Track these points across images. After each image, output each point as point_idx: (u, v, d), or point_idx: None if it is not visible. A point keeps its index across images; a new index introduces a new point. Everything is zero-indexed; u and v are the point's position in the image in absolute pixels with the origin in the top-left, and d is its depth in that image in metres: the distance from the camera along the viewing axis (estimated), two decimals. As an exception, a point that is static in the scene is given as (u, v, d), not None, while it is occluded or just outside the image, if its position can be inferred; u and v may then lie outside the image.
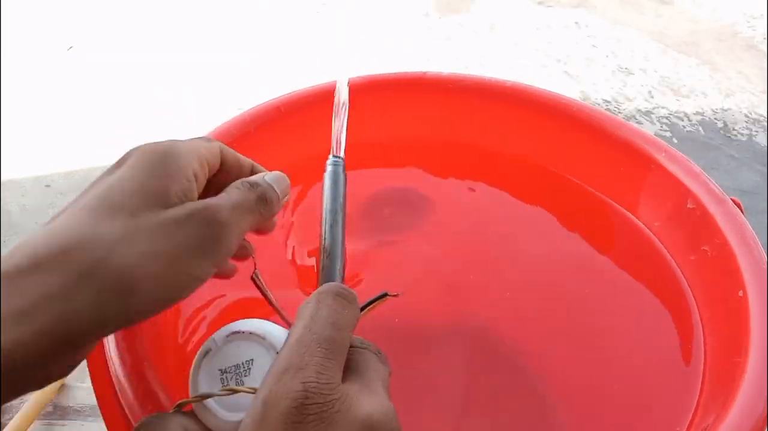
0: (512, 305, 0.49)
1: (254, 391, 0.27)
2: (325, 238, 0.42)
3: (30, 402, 0.75)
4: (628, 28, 1.67)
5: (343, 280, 0.41)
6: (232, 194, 0.32)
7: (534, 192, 0.57)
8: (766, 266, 0.42)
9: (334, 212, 0.43)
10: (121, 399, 0.35)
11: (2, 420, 0.75)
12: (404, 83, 0.59)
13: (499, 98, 0.58)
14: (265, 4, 1.75)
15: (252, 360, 0.28)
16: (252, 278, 0.30)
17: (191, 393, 0.28)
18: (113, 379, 0.36)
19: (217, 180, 0.34)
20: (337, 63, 0.44)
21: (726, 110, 1.38)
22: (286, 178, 0.37)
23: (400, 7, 1.74)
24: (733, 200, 0.47)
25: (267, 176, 0.35)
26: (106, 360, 0.37)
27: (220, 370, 0.28)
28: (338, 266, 0.41)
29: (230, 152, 0.35)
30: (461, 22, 1.69)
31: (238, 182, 0.33)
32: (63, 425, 0.77)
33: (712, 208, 0.46)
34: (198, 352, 0.29)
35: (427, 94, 0.59)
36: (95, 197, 0.28)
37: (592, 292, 0.50)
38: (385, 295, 0.33)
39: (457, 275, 0.52)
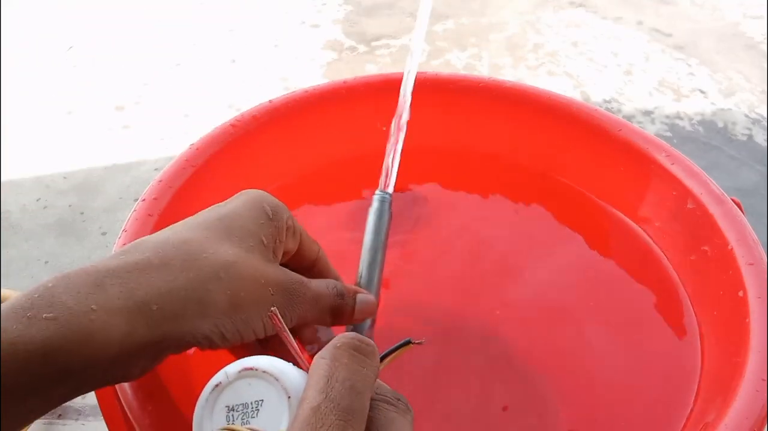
0: (511, 306, 0.49)
1: None
2: (361, 275, 0.41)
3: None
4: (628, 28, 1.67)
5: (374, 321, 0.41)
6: (318, 286, 0.36)
7: (533, 192, 0.57)
8: (766, 266, 0.42)
9: (374, 250, 0.42)
10: (121, 399, 0.35)
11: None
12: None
13: (498, 98, 0.58)
14: (265, 4, 1.75)
15: (262, 400, 0.27)
16: (270, 316, 0.29)
17: (195, 427, 0.27)
18: (113, 379, 0.36)
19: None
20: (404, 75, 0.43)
21: (726, 110, 1.38)
22: (373, 302, 0.40)
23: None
24: (733, 200, 0.47)
25: (359, 297, 0.39)
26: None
27: (227, 406, 0.27)
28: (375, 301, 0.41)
29: (307, 237, 0.39)
30: (463, 22, 1.69)
31: (331, 282, 0.38)
32: (63, 425, 0.77)
33: (712, 208, 0.46)
34: (207, 383, 0.28)
35: (427, 94, 0.59)
36: (213, 220, 0.33)
37: (591, 293, 0.50)
38: (408, 342, 0.31)
39: (457, 276, 0.52)
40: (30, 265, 1.00)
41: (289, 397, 0.26)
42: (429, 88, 0.59)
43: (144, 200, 0.45)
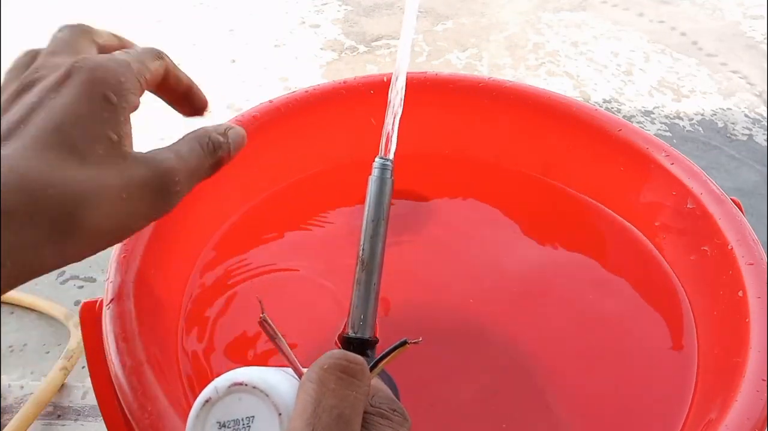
0: (510, 307, 0.49)
1: None
2: (363, 249, 0.40)
3: (29, 402, 0.75)
4: (628, 28, 1.67)
5: (377, 298, 0.40)
6: (190, 159, 0.33)
7: (532, 193, 0.58)
8: (766, 266, 0.42)
9: (376, 221, 0.40)
10: (120, 399, 0.35)
11: (2, 421, 0.75)
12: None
13: (498, 98, 0.58)
14: (265, 4, 1.75)
15: (253, 417, 0.27)
16: (260, 323, 0.28)
17: None
18: (113, 379, 0.36)
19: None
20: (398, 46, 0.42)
21: (726, 110, 1.38)
22: (244, 133, 0.38)
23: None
24: (733, 200, 0.47)
25: (231, 136, 0.36)
26: (106, 361, 0.37)
27: (219, 422, 0.27)
28: (374, 280, 0.39)
29: (174, 72, 0.36)
30: (463, 22, 1.69)
31: (198, 138, 0.34)
32: (63, 425, 0.77)
33: (712, 208, 0.46)
34: (198, 398, 0.27)
35: (426, 94, 0.59)
36: (50, 132, 0.27)
37: (590, 293, 0.50)
38: (404, 343, 0.29)
39: (456, 278, 0.52)
40: (30, 265, 1.00)
41: (279, 414, 0.26)
42: (429, 88, 0.59)
43: (144, 200, 0.45)
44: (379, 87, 0.58)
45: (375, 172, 0.41)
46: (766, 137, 1.31)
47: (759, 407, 0.35)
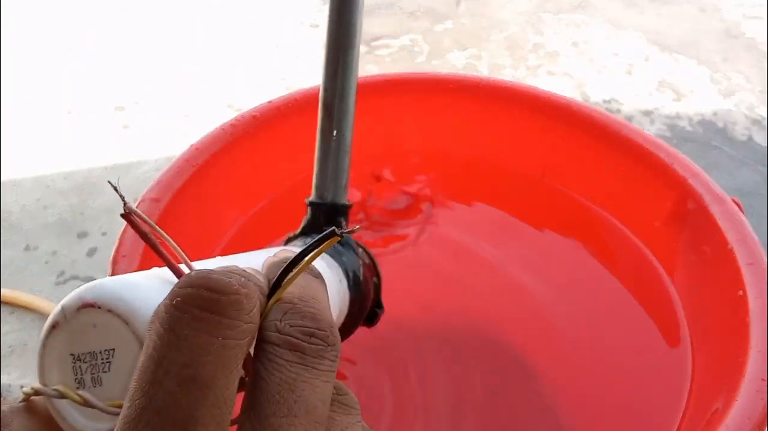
0: (510, 307, 0.49)
1: (118, 412, 0.18)
2: (325, 89, 0.32)
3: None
4: (628, 28, 1.67)
5: (348, 152, 0.32)
6: None
7: (532, 193, 0.58)
8: (766, 266, 0.42)
9: (341, 49, 0.31)
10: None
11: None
12: (405, 84, 0.59)
13: (498, 98, 0.58)
14: (265, 4, 1.75)
15: (113, 350, 0.20)
16: (124, 215, 0.21)
17: (39, 378, 0.21)
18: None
19: None
20: None
21: (726, 110, 1.38)
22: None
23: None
24: (733, 200, 0.47)
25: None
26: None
27: (72, 355, 0.20)
28: (342, 128, 0.32)
29: None
30: (463, 22, 1.69)
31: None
32: (63, 425, 0.77)
33: (712, 208, 0.46)
34: (46, 323, 0.22)
35: (426, 94, 0.59)
36: None
37: (589, 294, 0.50)
38: (333, 233, 0.20)
39: (455, 277, 0.52)
40: (30, 265, 1.00)
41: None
42: (428, 88, 0.59)
43: (144, 200, 0.45)
44: (379, 87, 0.58)
45: None
46: (766, 137, 1.31)
47: (759, 407, 0.35)
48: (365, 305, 0.34)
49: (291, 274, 0.20)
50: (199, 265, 0.22)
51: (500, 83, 0.58)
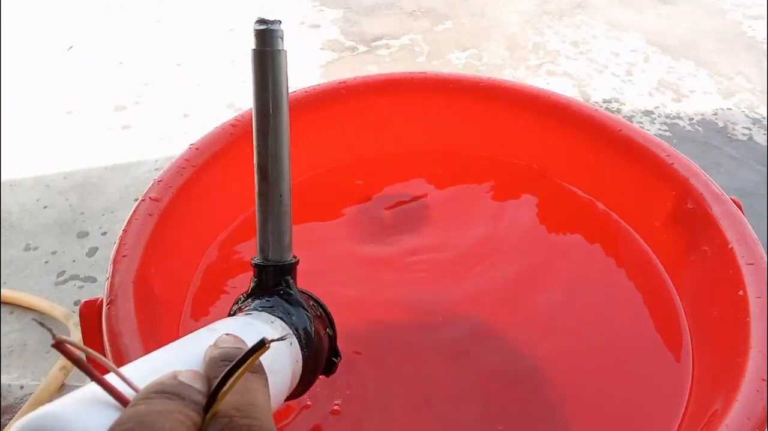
0: (510, 306, 0.49)
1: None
2: (258, 153, 0.32)
3: (29, 402, 0.75)
4: (628, 28, 1.67)
5: (289, 212, 0.33)
6: None
7: (532, 193, 0.57)
8: (766, 266, 0.42)
9: (265, 114, 0.31)
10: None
11: (2, 421, 0.75)
12: (404, 83, 0.59)
13: (498, 98, 0.58)
14: (265, 4, 1.75)
15: None
16: (56, 347, 0.20)
17: None
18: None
19: None
20: None
21: (726, 110, 1.38)
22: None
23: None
24: (733, 200, 0.47)
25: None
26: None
27: None
28: (279, 190, 0.32)
29: None
30: (463, 22, 1.69)
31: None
32: (63, 425, 0.77)
33: (712, 208, 0.46)
34: None
35: (426, 94, 0.59)
36: None
37: (590, 293, 0.50)
38: (263, 344, 0.22)
39: (455, 277, 0.52)
40: (30, 265, 1.00)
41: None
42: (429, 88, 0.59)
43: (144, 199, 0.45)
44: (379, 87, 0.58)
45: (256, 40, 0.31)
46: (766, 137, 1.31)
47: (759, 407, 0.35)
48: (320, 359, 0.35)
49: (225, 388, 0.21)
50: (134, 372, 0.22)
51: (500, 83, 0.58)
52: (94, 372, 0.20)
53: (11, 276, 0.98)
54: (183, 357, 0.25)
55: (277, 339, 0.23)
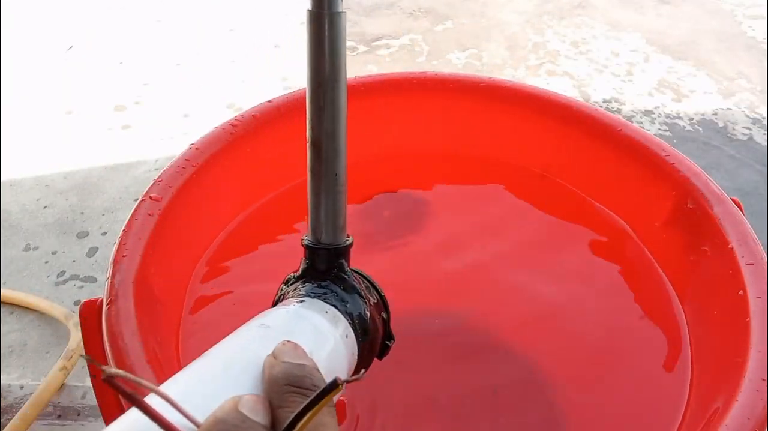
0: (511, 306, 0.49)
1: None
2: (311, 128, 0.30)
3: (29, 402, 0.75)
4: (628, 28, 1.67)
5: (344, 191, 0.31)
6: None
7: (531, 193, 0.57)
8: (766, 266, 0.42)
9: (322, 85, 0.29)
10: (120, 399, 0.35)
11: (2, 421, 0.75)
12: (404, 83, 0.59)
13: (498, 98, 0.58)
14: (265, 4, 1.75)
15: None
16: (107, 381, 0.20)
17: None
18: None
19: None
20: None
21: (726, 110, 1.38)
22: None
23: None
24: (733, 200, 0.47)
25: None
26: (106, 360, 0.37)
27: None
28: (334, 168, 0.30)
29: None
30: (463, 22, 1.69)
31: None
32: (63, 425, 0.77)
33: (712, 208, 0.46)
34: None
35: (426, 94, 0.59)
36: None
37: (589, 294, 0.50)
38: (335, 385, 0.21)
39: (456, 277, 0.52)
40: (30, 265, 1.00)
41: None
42: (429, 88, 0.59)
43: (144, 199, 0.45)
44: (379, 87, 0.58)
45: (312, 1, 0.29)
46: (766, 136, 1.31)
47: (759, 407, 0.35)
48: (375, 345, 0.33)
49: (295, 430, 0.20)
50: (185, 389, 0.22)
51: (500, 83, 0.58)
52: (153, 411, 0.20)
53: (11, 276, 0.98)
54: (236, 368, 0.23)
55: (351, 380, 0.22)
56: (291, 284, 0.33)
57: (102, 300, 0.40)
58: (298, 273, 0.33)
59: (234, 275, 0.50)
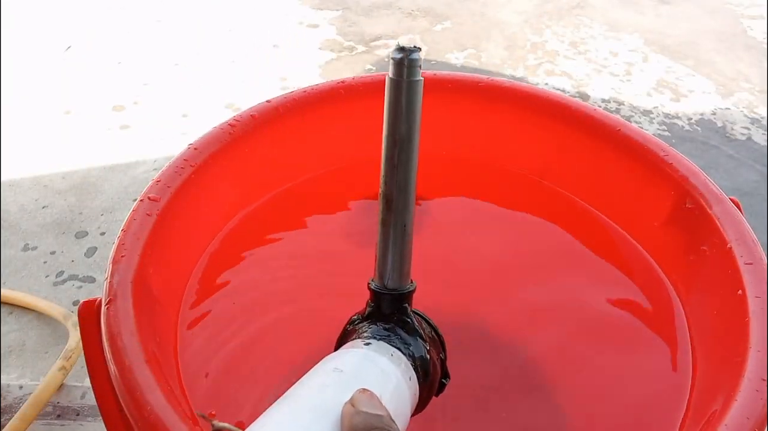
0: (508, 307, 0.49)
1: None
2: (384, 182, 0.31)
3: (29, 401, 0.75)
4: (627, 28, 1.67)
5: (410, 241, 0.33)
6: None
7: (532, 193, 0.57)
8: (766, 266, 0.42)
9: (397, 143, 0.31)
10: (120, 398, 0.35)
11: (1, 421, 0.75)
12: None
13: (498, 98, 0.58)
14: (264, 4, 1.75)
15: None
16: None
17: None
18: (112, 379, 0.36)
19: None
20: None
21: (725, 110, 1.38)
22: None
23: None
24: (732, 200, 0.47)
25: None
26: (105, 360, 0.37)
27: None
28: (404, 220, 0.32)
29: None
30: (462, 22, 1.69)
31: None
32: (62, 425, 0.77)
33: (710, 208, 0.46)
34: None
35: (425, 94, 0.58)
36: None
37: (588, 293, 0.50)
38: None
39: (452, 276, 0.52)
40: (29, 265, 1.00)
41: None
42: (428, 88, 0.59)
43: (143, 200, 0.45)
44: (379, 87, 0.58)
45: (392, 69, 0.30)
46: (765, 136, 1.31)
47: (759, 407, 0.35)
48: (433, 386, 0.35)
49: None
50: None
51: (499, 83, 0.58)
52: None
53: (10, 276, 0.98)
54: (316, 413, 0.25)
55: None
56: (357, 325, 0.35)
57: (100, 300, 0.40)
58: (363, 314, 0.35)
59: (233, 275, 0.50)
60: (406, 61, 0.30)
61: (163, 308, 0.43)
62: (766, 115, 1.37)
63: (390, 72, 0.30)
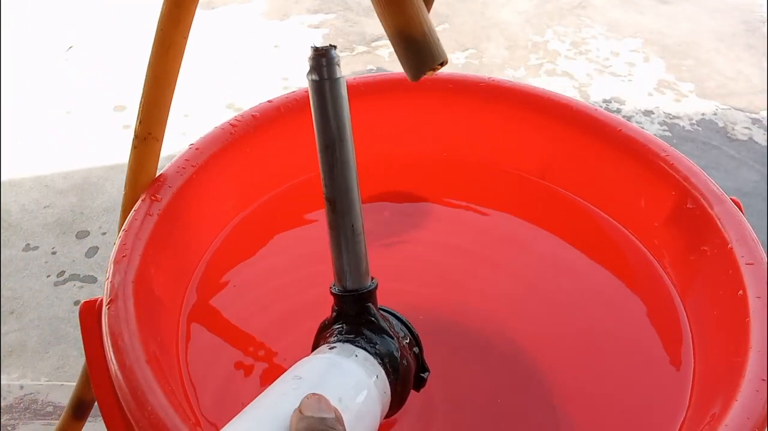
0: (508, 308, 0.49)
1: None
2: (325, 185, 0.32)
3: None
4: (628, 28, 1.67)
5: (363, 241, 0.33)
6: None
7: (531, 192, 0.57)
8: (766, 266, 0.42)
9: (329, 146, 0.32)
10: (120, 398, 0.35)
11: (2, 421, 0.75)
12: (404, 83, 0.59)
13: (498, 98, 0.58)
14: (265, 4, 1.75)
15: None
16: None
17: None
18: (113, 379, 0.36)
19: None
20: None
21: (726, 110, 1.38)
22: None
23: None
24: (733, 200, 0.47)
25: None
26: (106, 360, 0.37)
27: None
28: (351, 222, 0.32)
29: None
30: (462, 22, 1.69)
31: None
32: (63, 425, 0.77)
33: (711, 208, 0.46)
34: None
35: (425, 94, 0.59)
36: None
37: (588, 294, 0.50)
38: None
39: (456, 277, 0.52)
40: (30, 265, 1.00)
41: None
42: (427, 87, 0.59)
43: (144, 200, 0.45)
44: (379, 87, 0.58)
45: (312, 74, 0.31)
46: (765, 136, 1.31)
47: (759, 407, 0.35)
48: (407, 381, 0.35)
49: None
50: None
51: (500, 83, 0.58)
52: None
53: (11, 276, 0.98)
54: (270, 425, 0.26)
55: None
56: (325, 330, 0.35)
57: (102, 300, 0.40)
58: (330, 319, 0.35)
59: (235, 274, 0.50)
60: (324, 60, 0.30)
61: (165, 308, 0.43)
62: (766, 115, 1.37)
63: (311, 74, 0.31)
